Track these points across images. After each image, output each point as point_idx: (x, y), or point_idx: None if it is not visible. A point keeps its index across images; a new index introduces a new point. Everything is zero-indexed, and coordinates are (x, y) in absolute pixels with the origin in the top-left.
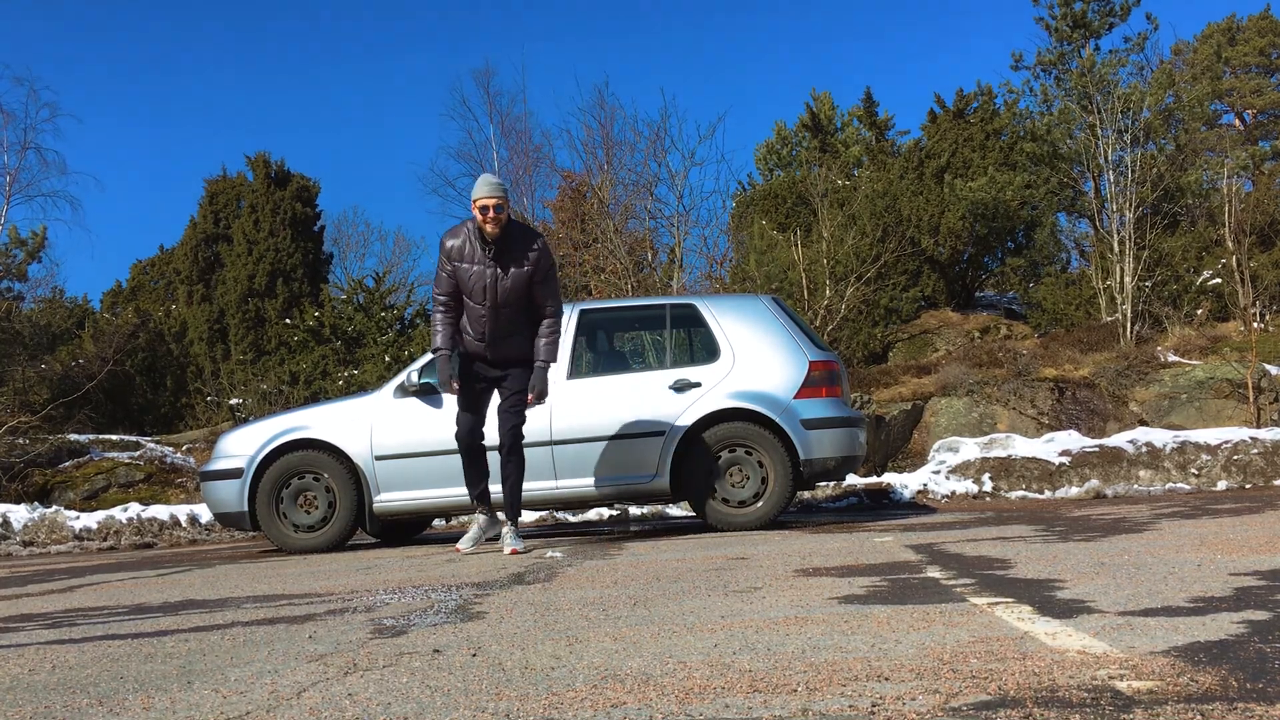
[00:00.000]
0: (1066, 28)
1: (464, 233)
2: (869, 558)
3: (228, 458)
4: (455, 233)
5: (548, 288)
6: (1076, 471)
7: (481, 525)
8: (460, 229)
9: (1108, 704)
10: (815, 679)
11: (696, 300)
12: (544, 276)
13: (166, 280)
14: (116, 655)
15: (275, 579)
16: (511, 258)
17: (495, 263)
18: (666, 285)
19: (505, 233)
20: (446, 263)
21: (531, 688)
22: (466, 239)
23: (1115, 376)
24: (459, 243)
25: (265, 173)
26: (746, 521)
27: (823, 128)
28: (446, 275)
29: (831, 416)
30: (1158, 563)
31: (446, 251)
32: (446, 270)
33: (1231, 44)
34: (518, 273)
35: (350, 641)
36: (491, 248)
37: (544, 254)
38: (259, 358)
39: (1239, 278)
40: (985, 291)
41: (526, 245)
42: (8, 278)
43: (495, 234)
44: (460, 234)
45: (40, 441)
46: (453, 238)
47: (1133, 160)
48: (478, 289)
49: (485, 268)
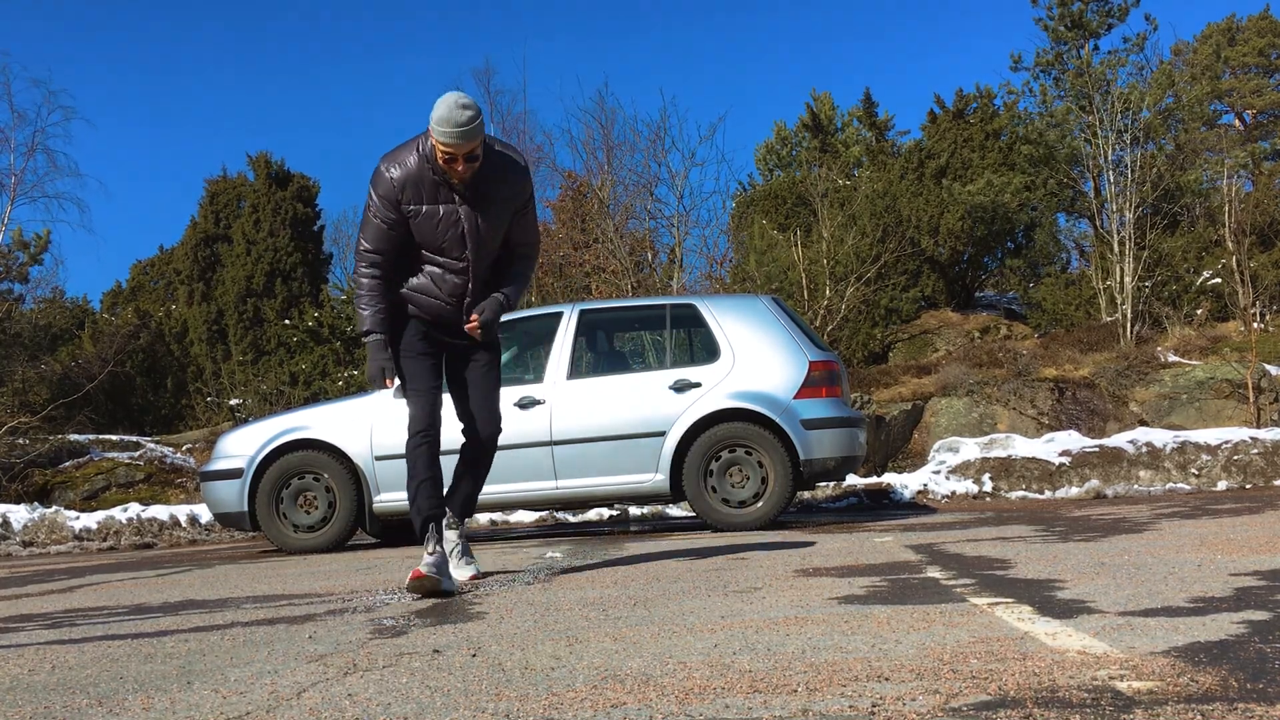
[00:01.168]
0: (1065, 28)
1: (414, 159)
2: (869, 558)
3: (228, 458)
4: (400, 159)
5: (528, 220)
6: (1076, 472)
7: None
8: (406, 154)
9: (1108, 704)
10: (815, 679)
11: (696, 300)
12: (525, 207)
13: (166, 280)
14: (116, 655)
15: (275, 579)
16: (488, 189)
17: (468, 200)
18: (666, 285)
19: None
20: (387, 206)
21: (531, 688)
22: (421, 170)
23: (1115, 376)
24: (409, 174)
25: (266, 172)
26: (746, 521)
27: (823, 128)
28: (384, 223)
29: (831, 416)
30: (1158, 563)
31: (389, 188)
32: (386, 217)
33: (1231, 44)
34: (499, 211)
35: (350, 641)
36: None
37: (525, 178)
38: (259, 358)
39: (1239, 278)
40: (985, 292)
41: (503, 169)
42: (9, 279)
43: (467, 181)
44: (408, 161)
45: (40, 442)
46: (397, 166)
47: (1132, 160)
48: (450, 238)
49: (454, 208)
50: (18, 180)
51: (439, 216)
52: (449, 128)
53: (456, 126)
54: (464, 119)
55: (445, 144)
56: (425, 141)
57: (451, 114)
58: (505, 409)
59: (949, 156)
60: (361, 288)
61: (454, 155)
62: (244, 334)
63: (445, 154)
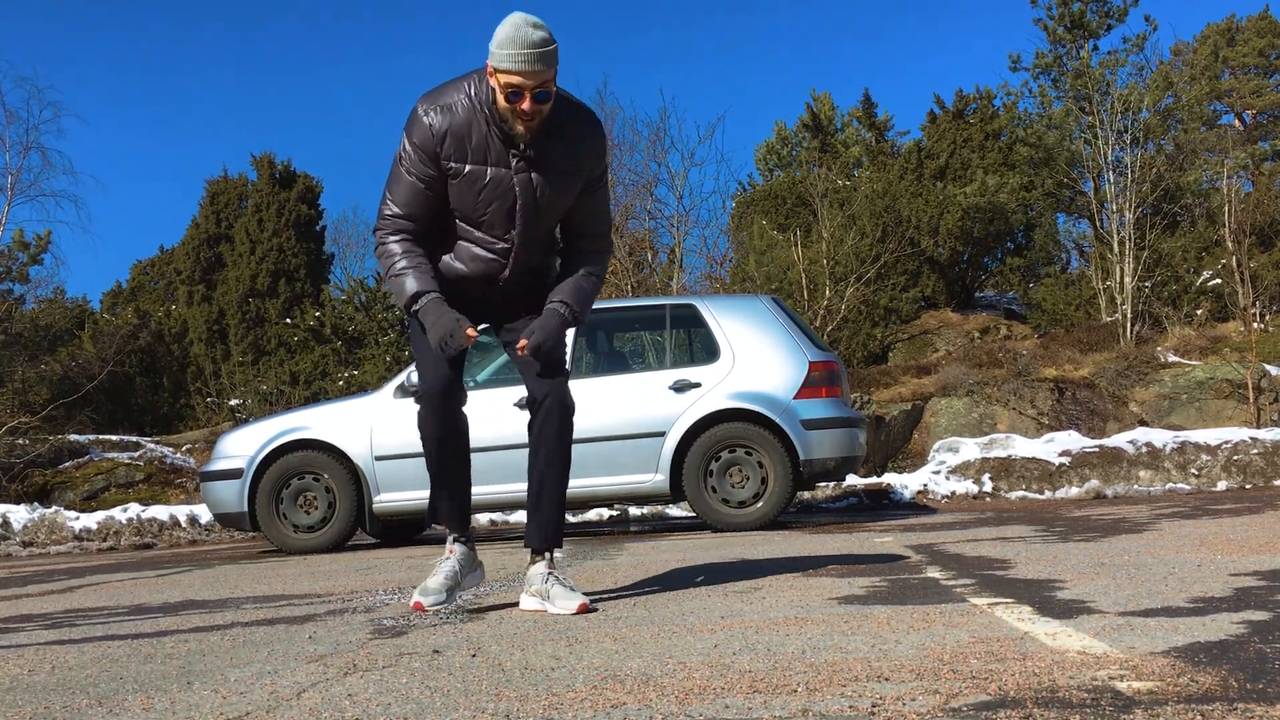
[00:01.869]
0: (1064, 29)
1: (463, 103)
2: (869, 558)
3: (228, 458)
4: (444, 101)
5: (599, 200)
6: (1076, 472)
7: (459, 562)
8: (452, 94)
9: (1108, 704)
10: (815, 679)
11: (696, 300)
12: (598, 181)
13: (166, 280)
14: (116, 656)
15: (275, 579)
16: (555, 149)
17: (528, 164)
18: (666, 285)
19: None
20: (424, 159)
21: (531, 688)
22: (471, 117)
23: (1115, 377)
24: (455, 122)
25: (270, 173)
26: (746, 521)
27: (823, 128)
28: (420, 180)
29: (831, 417)
30: (1158, 563)
31: (427, 136)
32: (422, 173)
33: (1230, 44)
34: (565, 181)
35: (350, 642)
36: (522, 146)
37: (602, 140)
38: (259, 358)
39: (1239, 278)
40: (985, 292)
41: (578, 124)
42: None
43: (529, 135)
44: (455, 105)
45: (40, 442)
46: (439, 111)
47: (1132, 160)
48: (496, 211)
49: (508, 173)
50: (14, 179)
51: (485, 181)
52: (517, 49)
53: (529, 48)
54: (538, 39)
55: (511, 71)
56: (479, 82)
57: (521, 32)
58: (505, 409)
59: (948, 157)
60: (391, 255)
61: (521, 90)
62: (245, 334)
63: (510, 88)
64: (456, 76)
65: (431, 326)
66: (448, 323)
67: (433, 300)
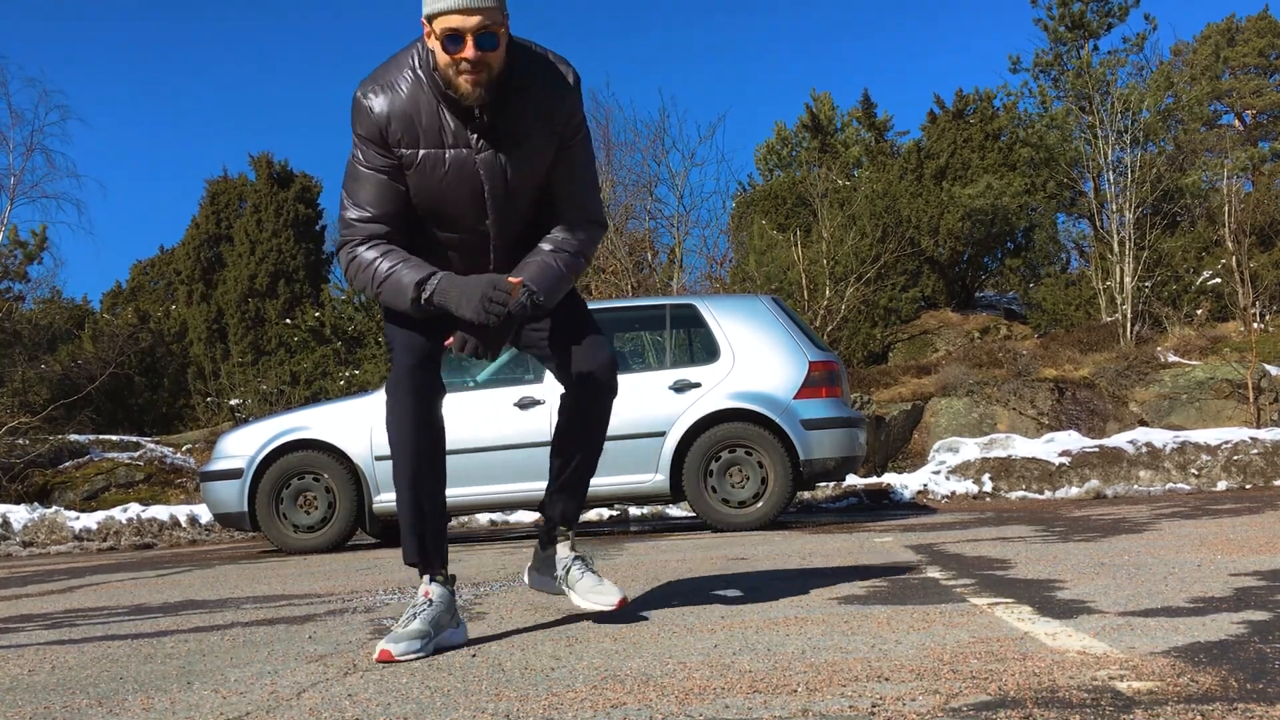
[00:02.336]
0: (1065, 28)
1: (407, 79)
2: (869, 558)
3: (227, 458)
4: (385, 80)
5: (579, 160)
6: (1076, 472)
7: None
8: (393, 72)
9: (1108, 704)
10: (815, 679)
11: (696, 300)
12: (574, 138)
13: (166, 280)
14: (116, 656)
15: (275, 579)
16: (519, 110)
17: (487, 140)
18: (666, 285)
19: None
20: (376, 149)
21: (531, 688)
22: (417, 94)
23: (1115, 377)
24: (399, 102)
25: (268, 173)
26: (746, 521)
27: (823, 128)
28: (379, 172)
29: (831, 417)
30: (1158, 563)
31: (371, 123)
32: (379, 164)
33: (1231, 44)
34: (535, 145)
35: (350, 642)
36: (477, 112)
37: (573, 91)
38: (259, 358)
39: (1239, 278)
40: (985, 292)
41: (541, 75)
42: (8, 278)
43: (485, 94)
44: (398, 82)
45: (40, 442)
46: (380, 91)
47: (1132, 161)
48: (461, 198)
49: (469, 154)
50: (17, 180)
51: (444, 167)
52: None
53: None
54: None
55: (447, 11)
56: (420, 50)
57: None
58: (505, 409)
59: (948, 157)
60: (369, 262)
61: (460, 33)
62: (245, 334)
63: (447, 32)
64: (396, 52)
65: (460, 299)
66: (478, 284)
67: (443, 276)
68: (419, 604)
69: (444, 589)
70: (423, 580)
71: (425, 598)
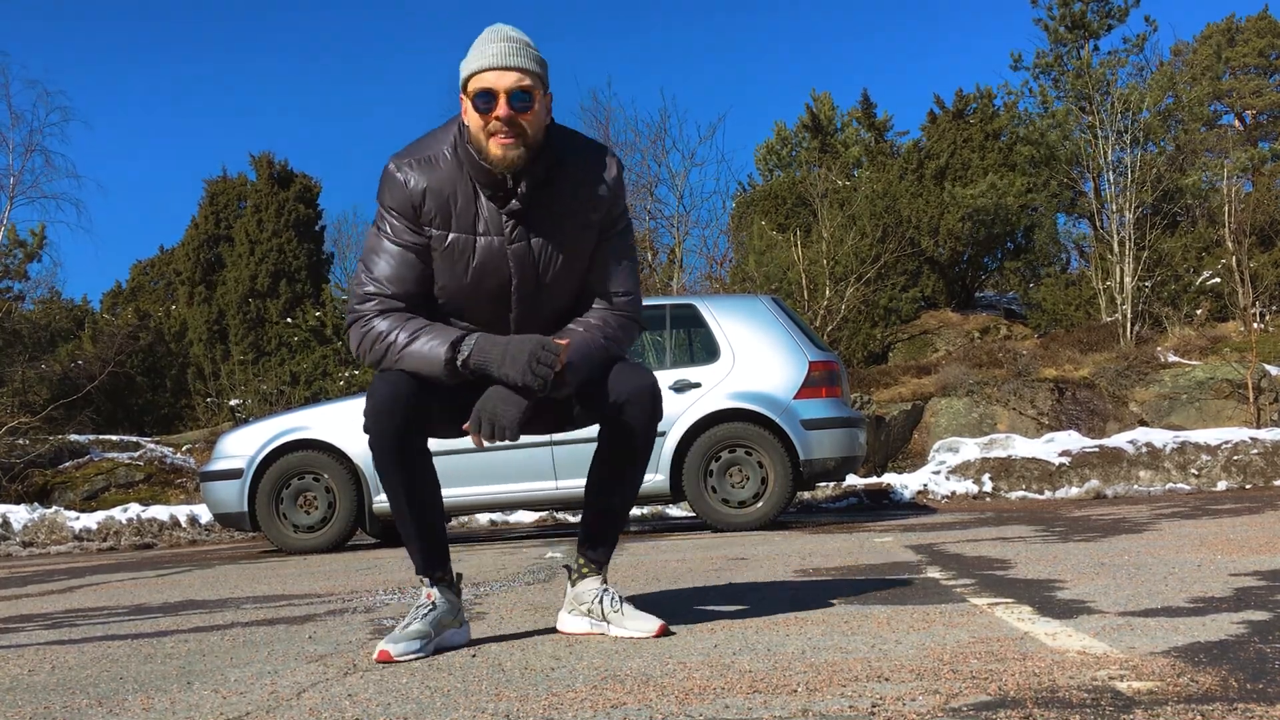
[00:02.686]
0: (1065, 29)
1: (446, 160)
2: (869, 558)
3: (228, 458)
4: (421, 155)
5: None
6: (1076, 472)
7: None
8: (431, 147)
9: (1108, 704)
10: (815, 679)
11: (696, 300)
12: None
13: (166, 280)
14: (116, 656)
15: (275, 579)
16: (553, 200)
17: (521, 223)
18: (666, 285)
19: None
20: (405, 222)
21: (531, 688)
22: (454, 174)
23: (1115, 377)
24: (436, 178)
25: (268, 173)
26: (746, 521)
27: (823, 128)
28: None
29: (831, 417)
30: (1158, 563)
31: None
32: (405, 239)
33: (1231, 45)
34: (570, 231)
35: (350, 642)
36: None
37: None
38: (259, 358)
39: (1239, 278)
40: (985, 292)
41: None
42: (8, 278)
43: (518, 160)
44: (435, 157)
45: (40, 442)
46: (415, 166)
47: (1132, 161)
48: (485, 289)
49: (499, 241)
50: (16, 181)
51: (473, 254)
52: (487, 44)
53: (502, 41)
54: (513, 34)
55: (481, 70)
56: (459, 130)
57: (494, 31)
58: None
59: (949, 157)
60: (386, 332)
61: (493, 92)
62: (245, 334)
63: (479, 91)
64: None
65: (504, 360)
66: (525, 343)
67: (480, 335)
68: (422, 605)
69: (447, 591)
70: (424, 585)
71: (428, 600)
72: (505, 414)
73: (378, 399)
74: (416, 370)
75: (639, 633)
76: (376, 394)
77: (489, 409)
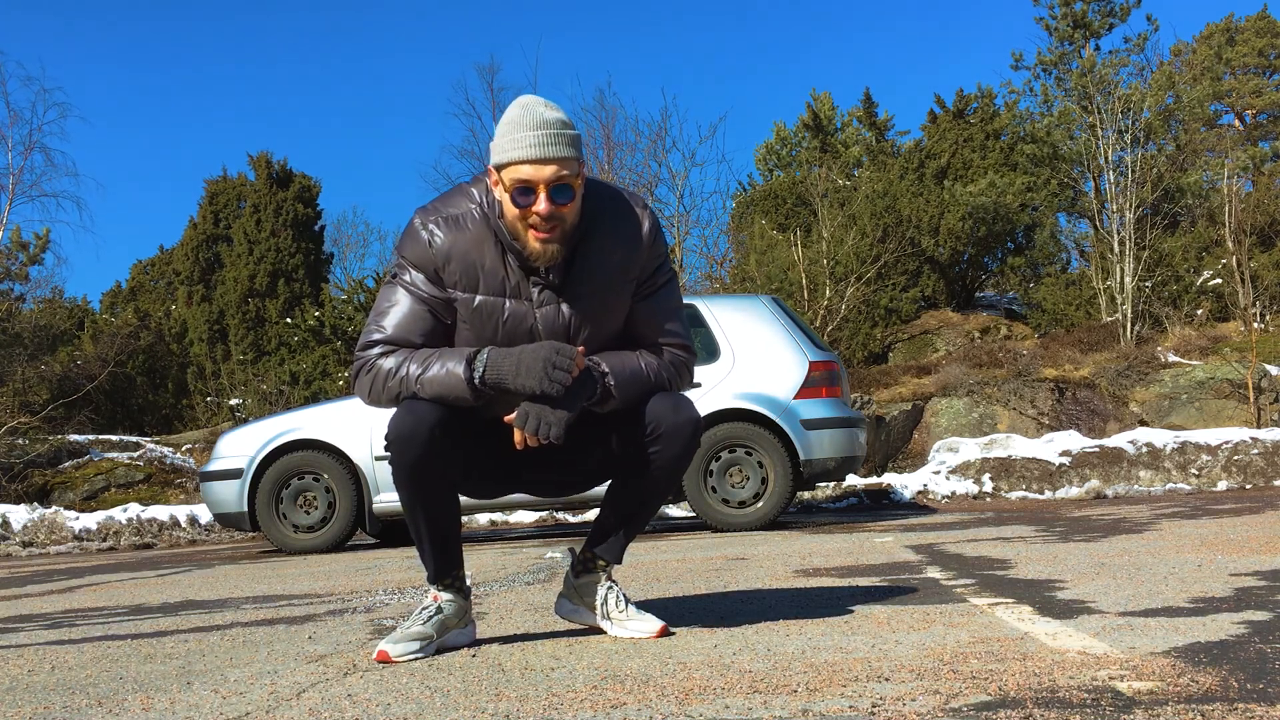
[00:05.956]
0: (1067, 28)
1: (474, 221)
2: (869, 558)
3: (227, 458)
4: (448, 213)
5: (658, 307)
6: (1077, 472)
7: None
8: (458, 204)
9: (1108, 704)
10: (815, 679)
11: (696, 300)
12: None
13: (166, 280)
14: (116, 656)
15: (275, 579)
16: (585, 261)
17: (555, 292)
18: None
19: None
20: (426, 279)
21: (531, 688)
22: (482, 235)
23: (1115, 377)
24: (462, 240)
25: (267, 172)
26: (746, 522)
27: (823, 128)
28: (420, 301)
29: (831, 417)
30: (1158, 563)
31: (426, 254)
32: (423, 294)
33: (1231, 44)
34: (605, 295)
35: (350, 642)
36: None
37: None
38: (259, 358)
39: (1239, 278)
40: (985, 292)
41: (608, 221)
42: (9, 279)
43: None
44: (464, 218)
45: (40, 442)
46: (443, 226)
47: (1133, 160)
48: (519, 341)
49: (527, 306)
50: (16, 179)
51: (503, 315)
52: (525, 130)
53: (541, 127)
54: (553, 118)
55: (519, 161)
56: (485, 194)
57: (530, 111)
58: None
59: (949, 156)
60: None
61: (532, 185)
62: (245, 334)
63: (518, 184)
64: (460, 184)
65: (519, 369)
66: (538, 349)
67: (491, 350)
68: (426, 608)
69: (456, 593)
70: (431, 587)
71: (434, 602)
72: (554, 414)
73: (398, 425)
74: (439, 397)
75: (639, 633)
76: (397, 421)
77: (538, 408)
